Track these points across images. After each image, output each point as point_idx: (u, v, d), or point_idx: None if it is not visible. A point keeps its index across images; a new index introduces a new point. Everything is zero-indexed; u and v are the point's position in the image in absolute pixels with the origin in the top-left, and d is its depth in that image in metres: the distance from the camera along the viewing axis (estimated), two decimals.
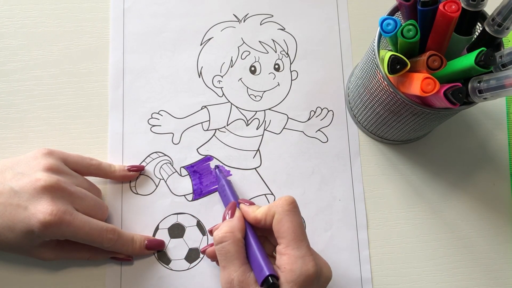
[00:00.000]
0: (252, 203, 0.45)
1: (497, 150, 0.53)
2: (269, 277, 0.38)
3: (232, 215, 0.44)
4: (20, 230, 0.41)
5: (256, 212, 0.43)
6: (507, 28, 0.38)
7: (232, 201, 0.46)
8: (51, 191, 0.41)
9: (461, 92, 0.37)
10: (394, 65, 0.38)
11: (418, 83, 0.37)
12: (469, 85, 0.38)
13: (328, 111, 0.53)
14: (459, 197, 0.52)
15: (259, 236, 0.44)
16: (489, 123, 0.54)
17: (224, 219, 0.44)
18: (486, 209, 0.51)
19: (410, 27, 0.38)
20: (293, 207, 0.41)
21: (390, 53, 0.38)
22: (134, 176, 0.49)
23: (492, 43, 0.39)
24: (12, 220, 0.41)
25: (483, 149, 0.53)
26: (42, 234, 0.41)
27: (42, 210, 0.40)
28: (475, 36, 0.41)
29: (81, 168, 0.46)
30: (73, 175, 0.45)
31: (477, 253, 0.50)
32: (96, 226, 0.43)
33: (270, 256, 0.43)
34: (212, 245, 0.45)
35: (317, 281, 0.40)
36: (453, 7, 0.37)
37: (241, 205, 0.45)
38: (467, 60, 0.37)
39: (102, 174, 0.48)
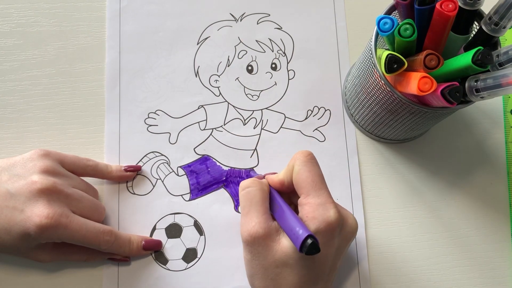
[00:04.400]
0: (275, 173, 0.45)
1: (495, 149, 0.53)
2: (309, 239, 0.36)
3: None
4: (16, 233, 0.41)
5: (279, 175, 0.43)
6: (504, 27, 0.38)
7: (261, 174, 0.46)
8: (47, 193, 0.41)
9: (458, 91, 0.37)
10: (391, 64, 0.38)
11: (415, 82, 0.37)
12: (466, 84, 0.38)
13: (325, 110, 0.53)
14: (457, 196, 0.52)
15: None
16: (486, 122, 0.54)
17: None
18: (483, 208, 0.51)
19: (407, 26, 0.38)
20: (311, 158, 0.41)
21: (387, 52, 0.38)
22: (131, 176, 0.49)
23: (489, 42, 0.39)
24: (8, 223, 0.41)
25: (480, 148, 0.53)
26: (39, 237, 0.40)
27: (38, 213, 0.40)
28: (472, 35, 0.41)
29: (78, 169, 0.46)
30: (70, 177, 0.45)
31: (474, 251, 0.50)
32: (92, 228, 0.43)
33: None
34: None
35: (339, 230, 0.39)
36: (450, 6, 0.37)
37: (266, 175, 0.45)
38: (464, 59, 0.37)
39: (99, 175, 0.48)
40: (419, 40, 0.40)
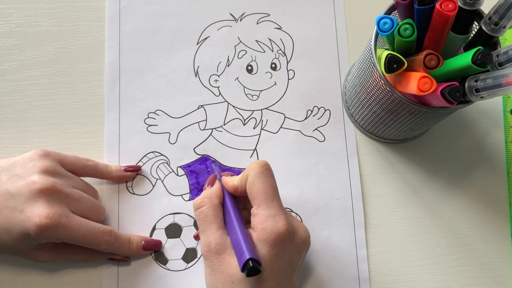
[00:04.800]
0: (233, 175, 0.46)
1: (494, 148, 0.53)
2: (249, 261, 0.37)
3: (211, 186, 0.45)
4: (16, 233, 0.41)
5: (234, 179, 0.44)
6: (504, 27, 0.38)
7: (213, 173, 0.47)
8: (47, 193, 0.41)
9: (458, 91, 0.37)
10: (391, 64, 0.38)
11: (415, 82, 0.37)
12: (466, 84, 0.38)
13: (325, 110, 0.53)
14: (456, 196, 0.52)
15: (241, 209, 0.44)
16: (486, 122, 0.54)
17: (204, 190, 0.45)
18: (483, 208, 0.51)
19: (407, 26, 0.38)
20: (266, 169, 0.42)
21: (387, 52, 0.38)
22: (131, 176, 0.49)
23: (488, 42, 0.39)
24: (8, 223, 0.40)
25: (480, 148, 0.53)
26: (38, 237, 0.40)
27: (38, 213, 0.40)
28: (472, 35, 0.41)
29: (78, 169, 0.46)
30: (69, 177, 0.45)
31: (474, 251, 0.50)
32: (92, 228, 0.43)
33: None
34: None
35: (290, 240, 0.40)
36: (450, 6, 0.37)
37: (222, 177, 0.46)
38: (464, 59, 0.37)
39: (98, 175, 0.48)
40: (419, 40, 0.40)
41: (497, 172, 0.53)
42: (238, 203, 0.44)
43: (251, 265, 0.36)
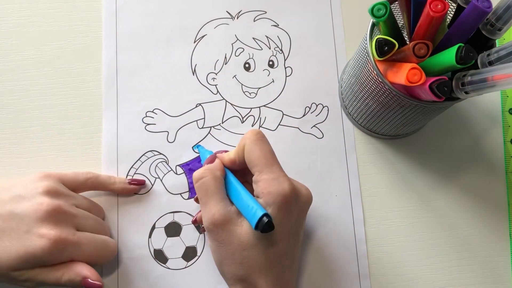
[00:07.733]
0: (227, 151, 0.46)
1: (493, 148, 0.53)
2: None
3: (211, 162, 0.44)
4: (17, 254, 0.39)
5: (230, 153, 0.44)
6: (500, 29, 0.38)
7: (212, 154, 0.46)
8: (53, 215, 0.41)
9: (446, 85, 0.37)
10: (382, 47, 0.38)
11: (404, 73, 0.37)
12: (454, 80, 0.38)
13: (323, 107, 0.53)
14: (455, 195, 0.51)
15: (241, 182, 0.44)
16: (485, 121, 0.53)
17: None
18: (481, 207, 0.51)
19: (380, 6, 0.38)
20: (261, 136, 0.42)
21: (378, 36, 0.39)
22: (134, 190, 0.49)
23: (485, 43, 0.39)
24: (11, 242, 0.40)
25: (478, 147, 0.53)
26: (47, 256, 0.40)
27: (46, 234, 0.40)
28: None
29: (79, 185, 0.46)
30: (73, 196, 0.44)
31: (473, 250, 0.50)
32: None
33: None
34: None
35: (295, 201, 0.40)
36: (439, 6, 0.37)
37: (218, 154, 0.45)
38: (448, 55, 0.37)
39: (100, 187, 0.47)
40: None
41: (496, 172, 0.52)
42: (237, 177, 0.44)
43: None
